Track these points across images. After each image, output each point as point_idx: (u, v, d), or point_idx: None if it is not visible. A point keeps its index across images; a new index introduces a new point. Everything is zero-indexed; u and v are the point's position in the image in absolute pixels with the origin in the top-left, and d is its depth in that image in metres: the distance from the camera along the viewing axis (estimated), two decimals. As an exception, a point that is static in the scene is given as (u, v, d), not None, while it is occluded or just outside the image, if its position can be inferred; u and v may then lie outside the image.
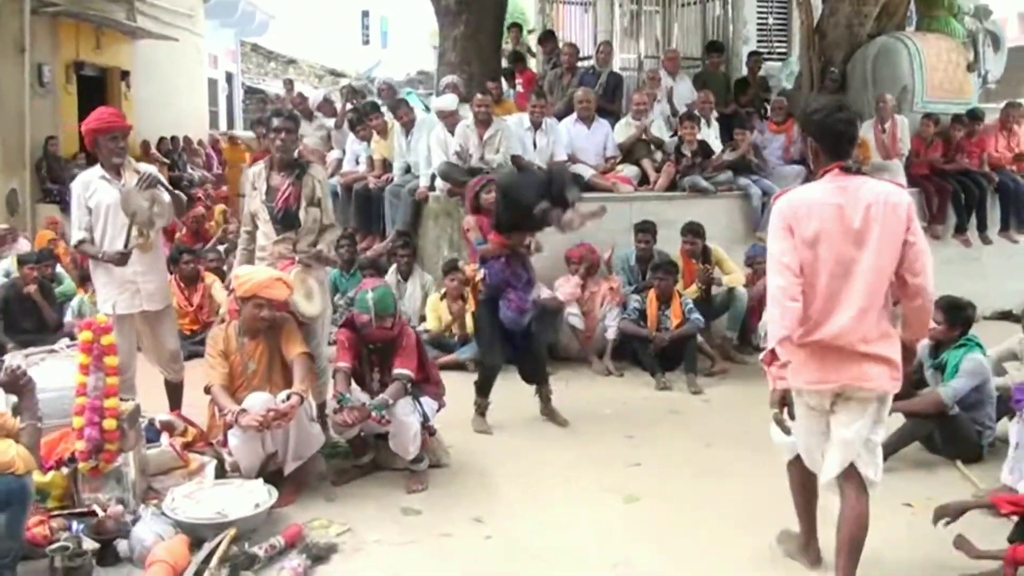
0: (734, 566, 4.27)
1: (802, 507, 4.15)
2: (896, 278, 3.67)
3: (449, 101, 8.97)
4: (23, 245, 6.05)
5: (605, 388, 7.33)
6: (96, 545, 4.26)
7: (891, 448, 5.30)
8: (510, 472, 5.40)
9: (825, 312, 3.64)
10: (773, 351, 3.62)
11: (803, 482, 4.08)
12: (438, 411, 5.43)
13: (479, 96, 8.62)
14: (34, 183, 13.13)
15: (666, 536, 4.57)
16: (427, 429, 5.23)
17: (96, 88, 15.38)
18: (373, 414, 4.88)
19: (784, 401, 3.70)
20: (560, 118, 9.36)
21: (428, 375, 5.41)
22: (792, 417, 3.75)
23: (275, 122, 5.48)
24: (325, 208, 5.62)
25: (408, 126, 9.39)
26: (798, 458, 4.00)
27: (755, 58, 11.36)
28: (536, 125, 8.83)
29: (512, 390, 6.53)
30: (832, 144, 3.72)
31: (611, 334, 7.77)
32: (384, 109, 10.10)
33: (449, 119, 8.80)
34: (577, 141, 9.13)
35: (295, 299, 5.26)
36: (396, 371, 5.09)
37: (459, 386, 6.14)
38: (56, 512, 4.60)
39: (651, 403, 6.92)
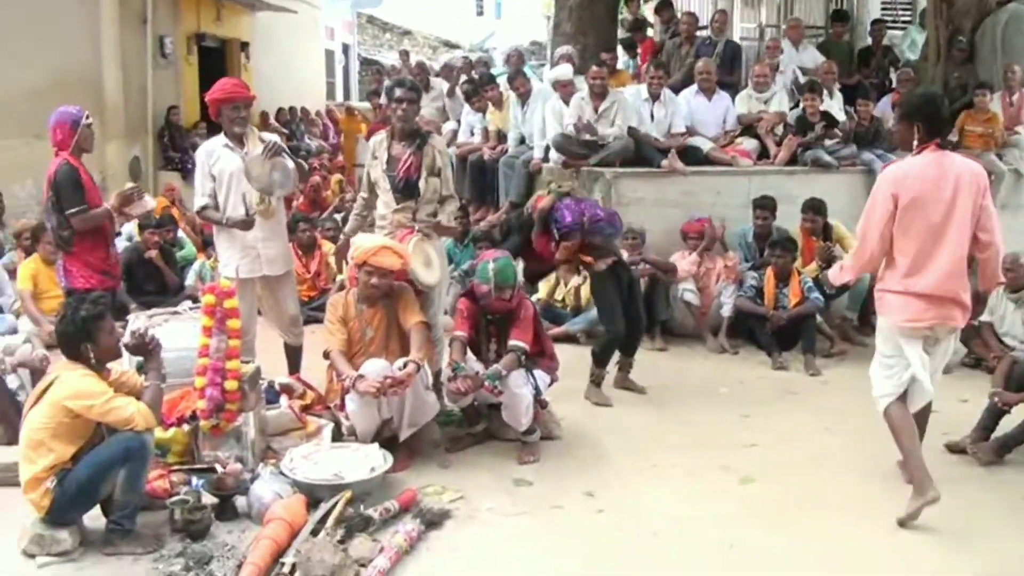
0: (850, 552, 4.14)
1: (909, 448, 4.45)
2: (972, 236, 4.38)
3: (565, 71, 8.87)
4: (148, 203, 6.22)
5: (720, 366, 7.16)
6: (215, 500, 4.39)
7: (1015, 440, 5.12)
8: (622, 447, 5.32)
9: (922, 267, 4.34)
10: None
11: (902, 422, 4.47)
12: (550, 385, 5.36)
13: (594, 68, 8.46)
14: (156, 151, 13.52)
15: (781, 519, 4.44)
16: (539, 402, 5.18)
17: (216, 59, 15.75)
18: (486, 383, 4.86)
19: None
20: (677, 90, 9.14)
21: (543, 349, 5.34)
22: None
23: (397, 92, 5.47)
24: (445, 178, 5.61)
25: (524, 97, 9.31)
26: (895, 400, 4.50)
27: (879, 27, 10.90)
28: (654, 96, 8.62)
29: (636, 361, 6.45)
30: (934, 126, 4.40)
31: (727, 311, 7.59)
32: (500, 80, 10.06)
33: (564, 90, 8.70)
34: (697, 113, 8.89)
35: (414, 268, 5.27)
36: (511, 343, 5.04)
37: (570, 359, 6.08)
38: (176, 467, 4.76)
39: (767, 383, 6.73)
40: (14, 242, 9.11)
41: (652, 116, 8.59)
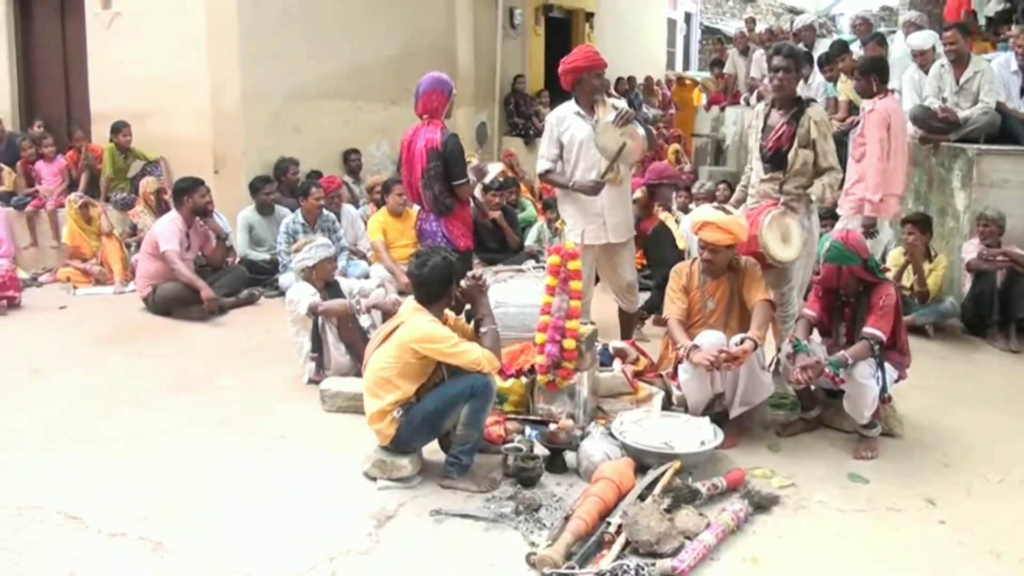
0: None
1: None
2: None
3: (923, 39, 8.24)
4: (495, 167, 6.61)
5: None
6: (546, 452, 4.54)
7: None
8: (968, 455, 4.88)
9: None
10: None
11: None
12: (897, 382, 4.98)
13: (947, 32, 7.78)
14: (501, 117, 14.11)
15: None
16: (882, 397, 4.84)
17: (561, 30, 16.10)
18: (827, 371, 4.60)
19: None
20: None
21: (896, 342, 4.94)
22: None
23: (775, 60, 5.33)
24: (822, 151, 5.40)
25: (879, 64, 8.74)
26: None
27: None
28: (1025, 67, 7.81)
29: (986, 362, 5.97)
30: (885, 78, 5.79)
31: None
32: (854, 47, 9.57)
33: (922, 58, 8.09)
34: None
35: (766, 240, 5.15)
36: (867, 330, 4.71)
37: (916, 352, 5.62)
38: (512, 416, 4.99)
39: None
40: (367, 196, 9.98)
41: (1023, 91, 7.78)
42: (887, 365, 4.81)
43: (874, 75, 6.73)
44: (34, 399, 5.65)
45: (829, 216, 7.76)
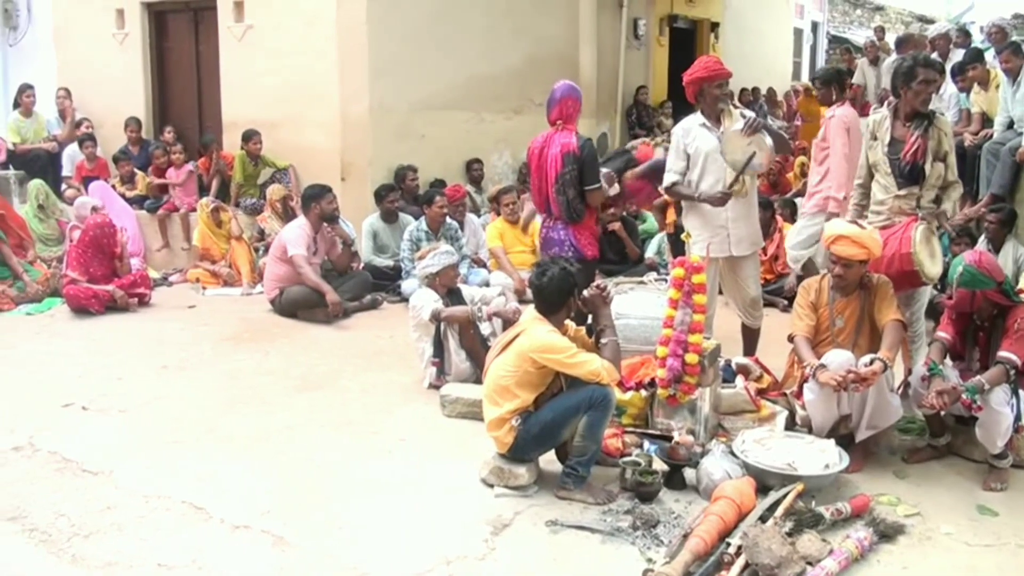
0: None
1: None
2: None
3: None
4: (613, 189, 6.63)
5: None
6: (665, 467, 4.48)
7: None
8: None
9: None
10: None
11: None
12: (1033, 412, 4.74)
13: None
14: (623, 128, 14.08)
15: None
16: (1016, 427, 4.59)
17: (685, 40, 15.98)
18: (964, 397, 4.38)
19: None
20: None
21: None
22: None
23: (921, 73, 5.11)
24: (949, 164, 5.22)
25: (1014, 74, 8.35)
26: None
27: None
28: None
29: None
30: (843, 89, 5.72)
31: None
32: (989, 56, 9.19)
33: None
34: None
35: (920, 257, 4.98)
36: (1003, 354, 4.48)
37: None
38: (630, 429, 4.95)
39: None
40: (489, 205, 10.09)
41: None
42: (1021, 392, 4.58)
43: (835, 85, 7.21)
44: (163, 393, 5.90)
45: (965, 235, 7.46)
